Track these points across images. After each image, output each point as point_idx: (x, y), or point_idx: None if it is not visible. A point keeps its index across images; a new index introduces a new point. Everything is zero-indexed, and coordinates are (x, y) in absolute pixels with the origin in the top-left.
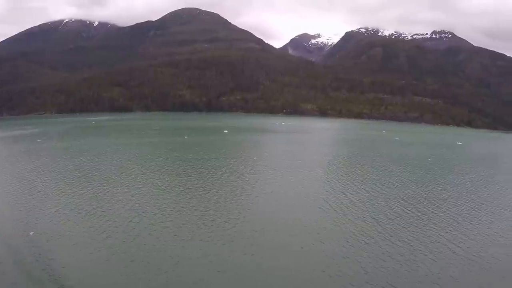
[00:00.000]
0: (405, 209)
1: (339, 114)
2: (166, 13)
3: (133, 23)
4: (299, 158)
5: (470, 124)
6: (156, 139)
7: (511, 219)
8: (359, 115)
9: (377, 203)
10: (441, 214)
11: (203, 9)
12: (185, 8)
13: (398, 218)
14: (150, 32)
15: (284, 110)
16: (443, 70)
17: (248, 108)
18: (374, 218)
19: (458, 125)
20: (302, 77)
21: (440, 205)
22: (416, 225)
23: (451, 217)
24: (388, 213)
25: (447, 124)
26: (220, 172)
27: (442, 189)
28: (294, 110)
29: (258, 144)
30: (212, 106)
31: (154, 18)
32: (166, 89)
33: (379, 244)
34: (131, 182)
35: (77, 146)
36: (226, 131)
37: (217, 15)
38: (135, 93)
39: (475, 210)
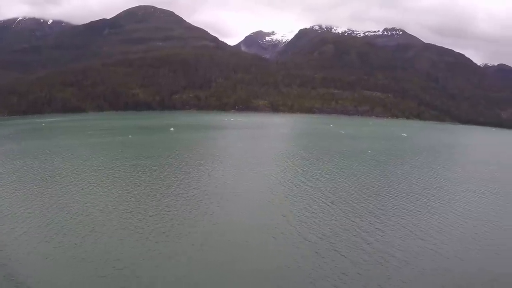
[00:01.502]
0: (325, 202)
1: (291, 109)
2: (121, 11)
3: (88, 21)
4: (238, 154)
5: (419, 116)
6: (100, 139)
7: (436, 207)
8: (310, 110)
9: (308, 197)
10: (370, 205)
11: (158, 7)
12: (140, 5)
13: (323, 210)
14: (104, 31)
15: (236, 107)
16: (393, 65)
17: (201, 105)
18: (299, 212)
19: (407, 117)
20: (254, 74)
21: (368, 197)
22: (338, 216)
23: (377, 207)
24: (314, 206)
25: (397, 117)
26: (158, 171)
27: (373, 180)
28: (246, 106)
29: (201, 141)
30: (165, 105)
31: (109, 16)
32: (120, 88)
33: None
34: (65, 184)
35: (17, 149)
36: (172, 129)
37: (172, 13)
38: (88, 93)
39: (405, 201)
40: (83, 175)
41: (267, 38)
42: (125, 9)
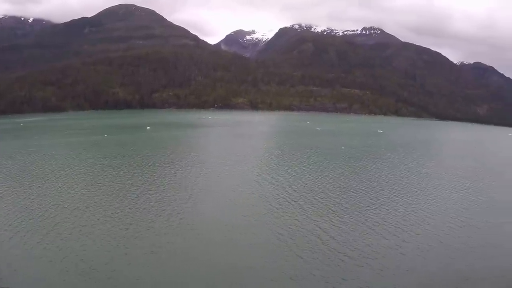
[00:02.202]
0: (288, 200)
1: (270, 107)
2: (102, 9)
3: (69, 19)
4: (210, 152)
5: (396, 113)
6: (75, 139)
7: (403, 204)
8: (288, 108)
9: (271, 195)
10: (333, 202)
11: (139, 5)
12: (121, 4)
13: (286, 209)
14: (85, 29)
15: (215, 105)
16: (371, 63)
17: (181, 104)
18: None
19: (385, 114)
20: (234, 72)
21: (333, 194)
22: (300, 212)
23: (341, 204)
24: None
25: (375, 113)
26: (128, 170)
27: (341, 177)
28: (225, 104)
29: (175, 140)
30: (145, 103)
31: (90, 14)
32: (100, 87)
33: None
34: (36, 184)
35: None
36: (148, 128)
37: (153, 12)
38: (68, 92)
39: (372, 198)
40: (54, 175)
41: (248, 37)
42: (106, 7)
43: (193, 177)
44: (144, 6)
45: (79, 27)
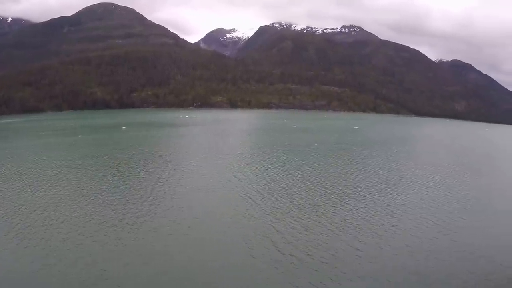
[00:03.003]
0: (252, 199)
1: (249, 105)
2: (82, 8)
3: (48, 18)
4: (183, 152)
5: (375, 110)
6: (49, 140)
7: (367, 202)
8: (267, 106)
9: (233, 194)
10: (296, 201)
11: (119, 4)
12: (100, 3)
13: (248, 208)
14: (64, 29)
15: (194, 104)
16: (351, 61)
17: (160, 103)
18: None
19: (364, 111)
20: (213, 70)
21: (297, 192)
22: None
23: (304, 203)
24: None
25: (353, 110)
26: (98, 171)
27: (308, 174)
28: (204, 103)
29: (150, 139)
30: (123, 103)
31: (69, 13)
32: (78, 87)
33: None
34: (4, 186)
35: None
36: (124, 127)
37: (133, 10)
38: (47, 93)
39: (337, 197)
40: (24, 177)
41: (228, 36)
42: (85, 6)
43: (163, 176)
44: (124, 5)
45: (58, 27)
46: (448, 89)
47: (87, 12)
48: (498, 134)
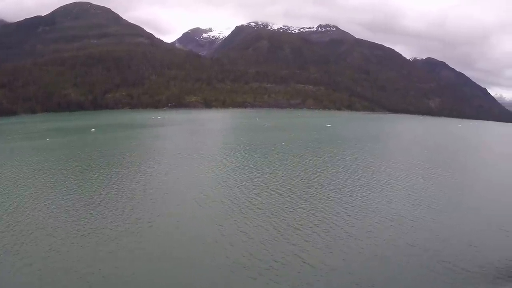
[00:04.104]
0: (205, 200)
1: (223, 104)
2: (57, 7)
3: (22, 18)
4: (149, 153)
5: (350, 107)
6: (14, 144)
7: (326, 202)
8: (242, 105)
9: (185, 193)
10: (255, 201)
11: (95, 3)
12: (76, 2)
13: (198, 209)
14: (39, 28)
15: (169, 104)
16: (326, 60)
17: (134, 103)
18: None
19: (339, 109)
20: (188, 70)
21: (256, 192)
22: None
23: (262, 204)
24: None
25: (328, 108)
26: (61, 174)
27: (267, 174)
28: (179, 103)
29: (117, 141)
30: (98, 104)
31: (44, 13)
32: (52, 88)
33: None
34: None
35: None
36: (93, 130)
37: (109, 10)
38: (20, 95)
39: (298, 197)
40: None
41: (204, 35)
42: (60, 5)
43: (126, 177)
44: (100, 4)
45: (32, 27)
46: (422, 86)
47: (62, 12)
48: (469, 129)
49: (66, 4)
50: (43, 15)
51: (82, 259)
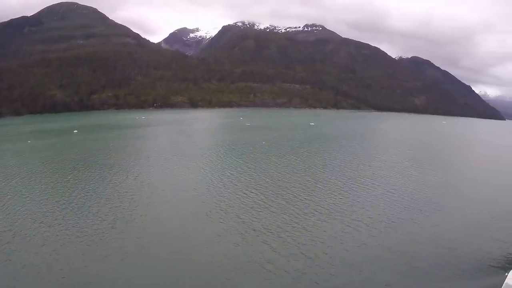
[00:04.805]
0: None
1: (209, 104)
2: (43, 7)
3: (8, 19)
4: (127, 155)
5: (336, 106)
6: None
7: (299, 203)
8: (228, 104)
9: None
10: (224, 201)
11: (81, 3)
12: (62, 2)
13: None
14: (24, 29)
15: (155, 104)
16: (312, 59)
17: (120, 104)
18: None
19: (325, 107)
20: (175, 70)
21: (228, 192)
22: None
23: (232, 204)
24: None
25: (314, 107)
26: (41, 177)
27: (243, 174)
28: (165, 103)
29: (98, 143)
30: (83, 105)
31: (30, 13)
32: (37, 90)
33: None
34: None
35: None
36: (75, 131)
37: (95, 10)
38: (5, 97)
39: (275, 197)
40: None
41: (191, 35)
42: (47, 5)
43: (101, 179)
44: (86, 4)
45: (18, 27)
46: (407, 84)
47: (49, 12)
48: (453, 126)
49: (53, 4)
50: (29, 15)
51: (61, 261)
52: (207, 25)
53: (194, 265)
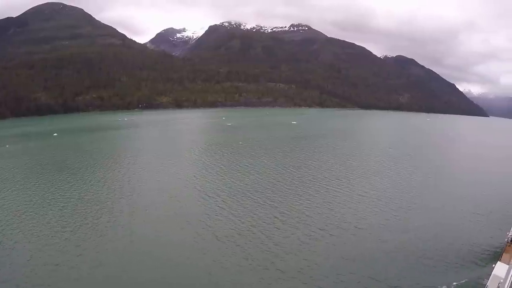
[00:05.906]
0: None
1: (194, 104)
2: (28, 8)
3: None
4: (100, 158)
5: (321, 104)
6: None
7: (268, 203)
8: (213, 104)
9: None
10: (194, 200)
11: (67, 4)
12: (48, 2)
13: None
14: (10, 30)
15: (139, 105)
16: (297, 58)
17: (105, 105)
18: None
19: (310, 106)
20: (160, 70)
21: (197, 192)
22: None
23: (200, 202)
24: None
25: (299, 106)
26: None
27: (215, 174)
28: (149, 104)
29: (76, 146)
30: (68, 107)
31: (16, 14)
32: (21, 92)
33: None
34: None
35: None
36: (55, 134)
37: (81, 10)
38: None
39: (242, 197)
40: None
41: (178, 35)
42: (32, 6)
43: (75, 182)
44: (72, 5)
45: (3, 28)
46: (392, 82)
47: (34, 13)
48: (436, 123)
49: (38, 5)
50: (14, 16)
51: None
52: (194, 25)
53: (172, 266)
